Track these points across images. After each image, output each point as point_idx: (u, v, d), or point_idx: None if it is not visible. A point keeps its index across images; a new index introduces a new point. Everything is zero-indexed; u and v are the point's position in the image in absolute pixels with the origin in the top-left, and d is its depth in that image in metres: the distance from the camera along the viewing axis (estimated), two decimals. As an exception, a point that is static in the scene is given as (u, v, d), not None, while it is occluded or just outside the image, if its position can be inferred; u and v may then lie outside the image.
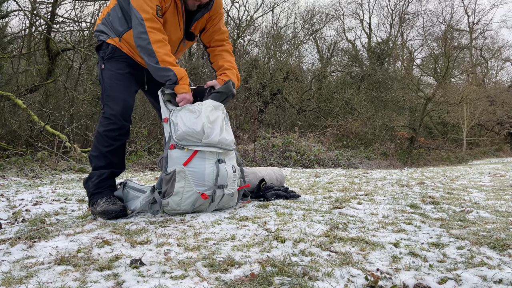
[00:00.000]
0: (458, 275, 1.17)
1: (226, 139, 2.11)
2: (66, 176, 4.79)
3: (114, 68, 2.16)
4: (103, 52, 2.19)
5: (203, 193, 2.02)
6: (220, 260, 1.31)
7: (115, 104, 2.12)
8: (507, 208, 2.27)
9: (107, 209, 1.98)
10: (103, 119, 2.13)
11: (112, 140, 2.12)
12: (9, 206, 2.39)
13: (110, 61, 2.17)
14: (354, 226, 1.80)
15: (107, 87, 2.15)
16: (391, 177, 4.51)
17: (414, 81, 22.68)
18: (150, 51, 2.03)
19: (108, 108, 2.13)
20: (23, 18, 10.50)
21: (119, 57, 2.17)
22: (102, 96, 2.18)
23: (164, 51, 2.05)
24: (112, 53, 2.16)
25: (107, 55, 2.17)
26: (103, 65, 2.18)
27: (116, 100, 2.13)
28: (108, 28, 2.18)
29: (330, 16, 23.02)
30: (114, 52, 2.16)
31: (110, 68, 2.17)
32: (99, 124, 2.15)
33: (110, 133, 2.11)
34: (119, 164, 2.20)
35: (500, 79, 28.00)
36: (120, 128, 2.13)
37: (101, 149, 2.12)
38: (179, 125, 2.04)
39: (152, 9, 2.04)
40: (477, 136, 24.32)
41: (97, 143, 2.13)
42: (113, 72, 2.16)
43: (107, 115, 2.12)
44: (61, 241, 1.57)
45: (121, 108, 2.12)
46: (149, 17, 2.04)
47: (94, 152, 2.15)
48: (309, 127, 15.56)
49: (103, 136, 2.11)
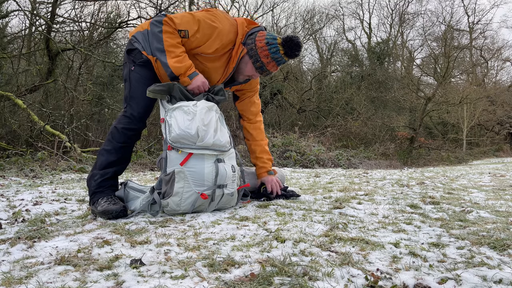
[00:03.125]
0: (458, 275, 1.17)
1: (221, 141, 2.11)
2: (66, 176, 4.79)
3: (143, 74, 2.22)
4: (134, 57, 2.23)
5: (202, 193, 2.02)
6: (220, 260, 1.31)
7: (138, 106, 2.19)
8: (507, 208, 2.27)
9: (108, 208, 1.98)
10: (124, 118, 2.20)
11: (127, 138, 2.20)
12: (9, 206, 2.39)
13: (141, 67, 2.22)
14: (354, 226, 1.80)
15: (133, 89, 2.20)
16: (391, 177, 4.51)
17: (414, 81, 22.69)
18: (159, 38, 2.09)
19: (130, 108, 2.20)
20: (23, 18, 10.52)
21: (149, 68, 2.23)
22: (126, 95, 2.24)
23: (171, 41, 2.09)
24: (144, 63, 2.21)
25: (139, 61, 2.21)
26: (133, 67, 2.23)
27: (139, 102, 2.19)
28: (146, 43, 2.21)
29: (330, 16, 23.05)
30: (147, 63, 2.22)
31: (139, 73, 2.22)
32: (117, 121, 2.21)
33: (127, 132, 2.18)
34: (125, 161, 2.25)
35: (500, 79, 28.02)
36: (137, 129, 2.22)
37: (115, 144, 2.18)
38: (173, 127, 2.04)
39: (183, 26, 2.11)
40: (477, 136, 24.34)
41: (112, 138, 2.19)
42: (141, 77, 2.21)
43: (128, 114, 2.19)
44: (61, 241, 1.57)
45: (142, 111, 2.20)
46: (174, 21, 2.10)
47: (107, 146, 2.19)
48: (309, 127, 15.56)
49: (120, 132, 2.18)
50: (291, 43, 2.21)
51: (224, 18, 2.19)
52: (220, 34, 2.15)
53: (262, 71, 2.31)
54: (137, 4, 14.73)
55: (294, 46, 2.22)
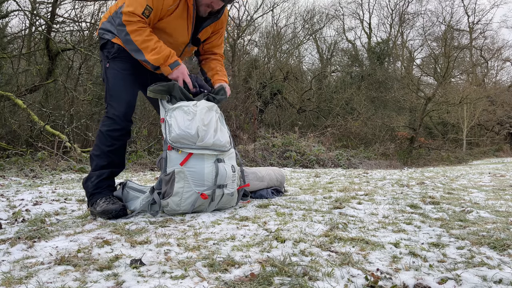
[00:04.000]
0: (458, 275, 1.17)
1: (221, 141, 2.11)
2: (66, 176, 4.79)
3: (119, 68, 2.16)
4: (107, 51, 2.18)
5: (202, 193, 2.02)
6: (220, 260, 1.31)
7: (119, 104, 2.13)
8: (507, 208, 2.27)
9: (107, 208, 1.98)
10: (106, 119, 2.14)
11: (114, 140, 2.14)
12: (9, 206, 2.39)
13: (115, 60, 2.17)
14: (354, 226, 1.80)
15: (111, 87, 2.15)
16: (391, 177, 4.51)
17: (414, 81, 22.68)
18: (129, 40, 2.04)
19: (111, 108, 2.14)
20: (23, 18, 10.50)
21: (124, 57, 2.17)
22: (105, 95, 2.19)
23: (141, 38, 2.03)
24: (117, 53, 2.16)
25: (112, 54, 2.16)
26: (108, 64, 2.18)
27: (120, 100, 2.14)
28: (114, 27, 2.16)
29: (330, 16, 23.01)
30: (119, 52, 2.16)
31: (115, 68, 2.16)
32: (101, 124, 2.16)
33: (112, 133, 2.12)
34: (119, 163, 2.20)
35: (500, 79, 28.02)
36: (123, 129, 2.15)
37: (103, 148, 2.13)
38: (173, 127, 2.03)
39: (141, 6, 2.02)
40: (477, 136, 24.33)
41: (99, 142, 2.14)
42: (117, 72, 2.16)
43: (110, 115, 2.13)
44: (61, 241, 1.57)
45: (124, 109, 2.14)
46: (129, 11, 2.01)
47: (96, 151, 2.15)
48: (309, 127, 15.54)
49: (105, 135, 2.12)
50: None
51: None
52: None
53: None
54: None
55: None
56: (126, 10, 2.02)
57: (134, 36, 2.03)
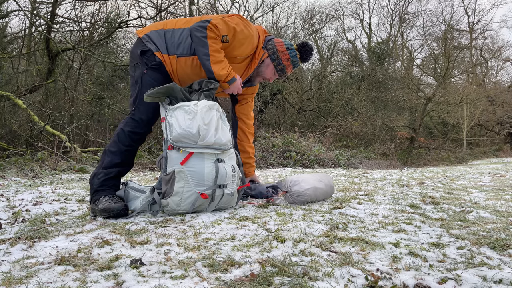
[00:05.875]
0: (458, 275, 1.17)
1: (222, 140, 2.12)
2: (66, 176, 4.79)
3: (155, 77, 2.25)
4: (147, 59, 2.24)
5: (202, 193, 2.02)
6: (220, 260, 1.31)
7: (146, 110, 2.22)
8: (507, 208, 2.27)
9: (109, 206, 1.99)
10: (131, 120, 2.22)
11: (133, 142, 2.23)
12: (9, 206, 2.39)
13: (154, 70, 2.24)
14: (354, 226, 1.80)
15: (144, 92, 2.20)
16: (391, 177, 4.51)
17: (414, 81, 22.68)
18: (205, 43, 2.16)
19: (138, 111, 2.22)
20: (23, 18, 10.52)
21: (161, 72, 2.26)
22: (135, 97, 2.25)
23: (216, 47, 2.17)
24: (157, 66, 2.24)
25: (152, 64, 2.23)
26: (146, 70, 2.24)
27: (148, 107, 2.21)
28: (162, 43, 2.24)
29: (330, 16, 23.01)
30: (160, 67, 2.24)
31: (152, 76, 2.24)
32: (125, 123, 2.23)
33: (133, 135, 2.21)
34: (129, 163, 2.27)
35: (500, 79, 28.03)
36: (143, 133, 2.25)
37: (121, 147, 2.20)
38: (174, 126, 2.04)
39: (224, 32, 2.19)
40: (477, 136, 24.34)
41: (117, 139, 2.21)
42: (152, 82, 2.24)
43: (137, 118, 2.22)
44: (61, 241, 1.57)
45: (151, 116, 2.23)
46: (217, 26, 2.17)
47: (113, 147, 2.21)
48: (309, 127, 15.54)
49: (126, 135, 2.20)
50: (306, 48, 2.49)
51: (251, 24, 2.32)
52: (252, 39, 2.32)
53: (282, 74, 2.51)
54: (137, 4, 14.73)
55: (308, 50, 2.50)
56: (215, 23, 2.17)
57: (211, 42, 2.16)
